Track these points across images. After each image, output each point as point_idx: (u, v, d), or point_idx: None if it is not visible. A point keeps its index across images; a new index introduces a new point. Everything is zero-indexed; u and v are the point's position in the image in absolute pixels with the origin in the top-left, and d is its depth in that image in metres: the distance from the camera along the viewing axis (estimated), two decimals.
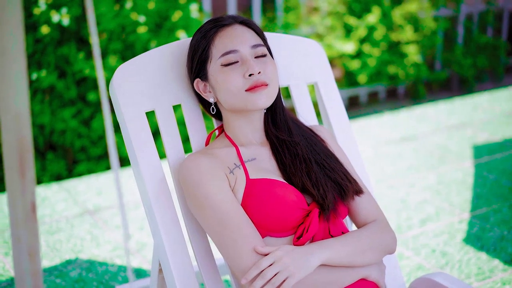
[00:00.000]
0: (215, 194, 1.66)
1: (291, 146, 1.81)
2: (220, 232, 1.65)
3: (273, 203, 1.67)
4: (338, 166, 1.82)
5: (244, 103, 1.73)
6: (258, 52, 1.76)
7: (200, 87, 1.82)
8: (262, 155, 1.81)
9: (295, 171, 1.76)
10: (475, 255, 3.01)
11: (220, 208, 1.65)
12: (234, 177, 1.72)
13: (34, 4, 4.20)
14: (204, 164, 1.70)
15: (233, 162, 1.75)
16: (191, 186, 1.69)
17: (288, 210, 1.68)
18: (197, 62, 1.79)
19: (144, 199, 1.82)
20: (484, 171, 3.95)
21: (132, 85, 1.85)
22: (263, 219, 1.67)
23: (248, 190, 1.69)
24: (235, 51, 1.74)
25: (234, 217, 1.64)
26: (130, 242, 3.13)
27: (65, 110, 4.32)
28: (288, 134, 1.83)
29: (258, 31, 1.82)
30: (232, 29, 1.77)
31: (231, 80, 1.72)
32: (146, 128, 1.84)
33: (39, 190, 3.71)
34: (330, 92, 2.14)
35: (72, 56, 4.27)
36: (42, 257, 3.00)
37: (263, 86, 1.72)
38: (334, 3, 6.25)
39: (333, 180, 1.77)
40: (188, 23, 4.52)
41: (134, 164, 1.82)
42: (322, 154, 1.83)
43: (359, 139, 4.61)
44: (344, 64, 6.33)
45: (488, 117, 5.04)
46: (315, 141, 1.86)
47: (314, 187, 1.73)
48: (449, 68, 7.14)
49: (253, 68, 1.71)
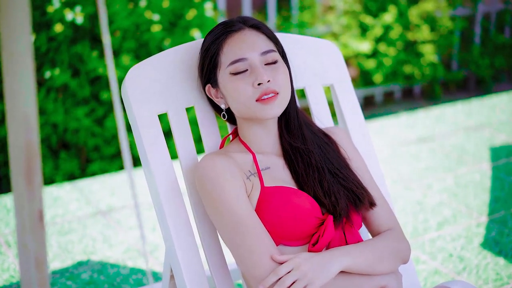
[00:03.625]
0: (232, 198, 1.62)
1: (304, 154, 1.76)
2: (235, 238, 1.61)
3: (288, 211, 1.64)
4: (352, 175, 1.78)
5: (254, 112, 1.69)
6: (268, 59, 1.71)
7: (212, 93, 1.79)
8: (276, 164, 1.76)
9: (308, 180, 1.72)
10: (493, 260, 2.95)
11: (237, 213, 1.61)
12: (251, 184, 1.68)
13: (48, 2, 4.18)
14: (221, 165, 1.66)
15: (248, 169, 1.71)
16: (208, 186, 1.66)
17: (303, 218, 1.64)
18: (206, 69, 1.75)
19: (156, 203, 1.78)
20: (502, 174, 3.89)
21: (144, 87, 1.82)
22: (278, 227, 1.63)
23: (263, 197, 1.66)
24: (243, 59, 1.69)
25: (250, 224, 1.60)
26: (141, 243, 3.10)
27: (79, 108, 4.29)
28: (302, 141, 1.79)
29: (270, 35, 1.77)
30: (242, 35, 1.72)
31: (240, 90, 1.68)
32: (159, 130, 1.80)
33: (52, 189, 3.69)
34: (346, 94, 2.10)
35: (86, 55, 4.24)
36: (54, 259, 2.97)
37: (273, 97, 1.67)
38: (350, 2, 6.19)
39: (347, 188, 1.73)
40: (202, 21, 4.48)
41: (146, 167, 1.78)
42: (336, 163, 1.78)
43: (376, 139, 4.56)
44: (360, 63, 6.27)
45: (506, 118, 4.97)
46: (329, 149, 1.81)
47: (326, 196, 1.69)
48: (466, 68, 7.06)
49: (262, 77, 1.66)
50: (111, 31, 4.25)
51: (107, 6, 4.22)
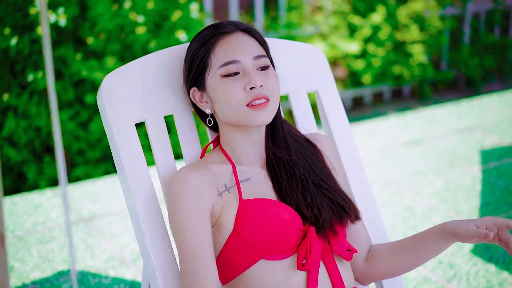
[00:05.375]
0: (188, 222, 1.58)
1: (288, 165, 1.70)
2: (183, 261, 1.58)
3: (268, 222, 1.57)
4: (337, 186, 1.72)
5: (243, 118, 1.62)
6: (260, 63, 1.65)
7: (196, 97, 1.71)
8: (257, 175, 1.69)
9: (290, 192, 1.66)
10: (484, 267, 2.89)
11: (189, 240, 1.57)
12: (223, 201, 1.61)
13: (31, 4, 4.10)
14: (190, 185, 1.60)
15: (225, 182, 1.64)
16: (170, 206, 1.62)
17: (284, 229, 1.58)
18: (195, 71, 1.68)
19: (133, 216, 1.71)
20: (492, 177, 3.83)
21: (121, 94, 1.74)
22: (259, 240, 1.56)
23: (241, 211, 1.59)
24: (236, 62, 1.62)
25: (199, 251, 1.57)
26: (125, 252, 3.02)
27: (62, 112, 4.21)
28: (287, 152, 1.72)
29: (261, 40, 1.71)
30: (234, 37, 1.66)
31: (231, 93, 1.61)
32: (136, 141, 1.72)
33: (33, 196, 3.60)
34: (332, 101, 2.02)
35: (69, 57, 4.17)
36: (34, 268, 2.89)
37: (264, 104, 1.61)
38: (338, 2, 6.13)
39: (331, 200, 1.67)
40: (188, 23, 4.41)
41: (123, 180, 1.71)
42: (320, 173, 1.72)
43: (366, 142, 4.49)
44: (348, 64, 6.21)
45: (497, 119, 4.91)
46: (314, 159, 1.75)
47: (308, 208, 1.63)
48: (456, 68, 7.01)
49: (255, 81, 1.60)
50: (95, 33, 4.17)
51: (90, 7, 4.14)
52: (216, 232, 1.62)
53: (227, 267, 1.62)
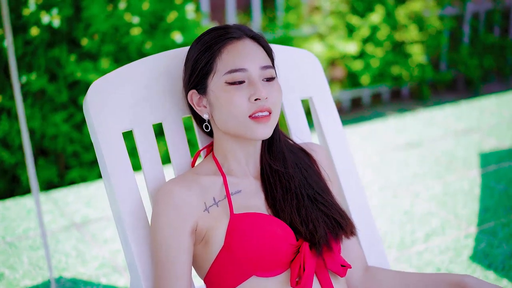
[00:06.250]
0: (165, 241, 1.54)
1: (284, 178, 1.64)
2: (156, 276, 1.56)
3: (260, 239, 1.52)
4: (333, 200, 1.67)
5: (243, 129, 1.57)
6: (266, 74, 1.59)
7: (194, 100, 1.64)
8: (249, 187, 1.64)
9: (285, 206, 1.60)
10: (483, 274, 2.84)
11: (161, 258, 1.55)
12: (210, 216, 1.56)
13: (24, 5, 4.04)
14: (174, 201, 1.55)
15: (214, 196, 1.59)
16: (152, 219, 1.58)
17: (277, 246, 1.52)
18: (197, 74, 1.61)
19: (120, 229, 1.65)
20: (491, 181, 3.77)
21: (108, 102, 1.68)
22: (251, 256, 1.51)
23: (233, 226, 1.53)
24: (243, 70, 1.56)
25: (172, 269, 1.53)
26: (118, 259, 2.97)
27: (57, 114, 4.16)
28: (283, 164, 1.66)
29: (268, 49, 1.65)
30: (243, 44, 1.59)
31: (235, 102, 1.55)
32: (123, 151, 1.67)
33: (25, 201, 3.55)
34: (326, 108, 1.97)
35: (63, 59, 4.11)
36: (24, 276, 2.84)
37: (267, 117, 1.56)
38: (336, 2, 6.07)
39: (326, 215, 1.61)
40: (184, 24, 4.35)
41: (110, 191, 1.65)
42: (316, 186, 1.67)
43: (364, 144, 4.44)
44: (347, 64, 6.15)
45: (496, 121, 4.86)
46: (310, 171, 1.69)
47: (303, 224, 1.57)
48: (455, 68, 6.95)
49: (260, 93, 1.54)
50: (89, 34, 4.11)
51: (85, 8, 4.09)
52: (204, 247, 1.57)
53: (218, 283, 1.57)
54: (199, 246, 1.58)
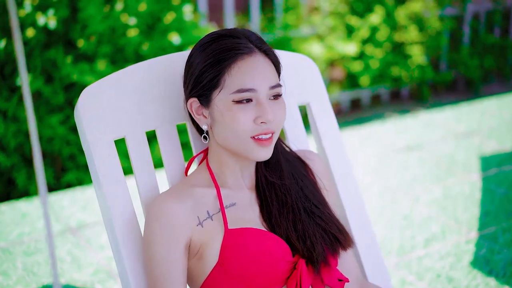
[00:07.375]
0: (158, 256, 1.51)
1: (280, 192, 1.59)
2: (149, 285, 1.53)
3: (256, 255, 1.47)
4: (330, 213, 1.62)
5: (244, 149, 1.52)
6: (274, 93, 1.53)
7: (193, 107, 1.58)
8: (244, 199, 1.59)
9: (281, 221, 1.55)
10: (483, 281, 2.80)
11: (154, 272, 1.51)
12: (204, 231, 1.51)
13: (19, 6, 4.00)
14: (166, 216, 1.50)
15: (208, 209, 1.54)
16: (145, 234, 1.54)
17: (273, 262, 1.48)
18: (203, 86, 1.54)
19: (112, 240, 1.61)
20: (492, 185, 3.73)
21: (100, 109, 1.64)
22: (245, 273, 1.47)
23: (227, 242, 1.48)
24: (252, 90, 1.50)
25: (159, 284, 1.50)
26: (113, 265, 2.92)
27: (53, 116, 4.12)
28: (279, 175, 1.61)
29: (276, 64, 1.58)
30: (254, 60, 1.52)
31: (240, 122, 1.49)
32: (115, 160, 1.62)
33: (20, 205, 3.50)
34: (324, 114, 1.93)
35: (60, 60, 4.07)
36: (17, 282, 2.79)
37: (269, 139, 1.52)
38: (336, 3, 6.02)
39: (324, 229, 1.56)
40: (181, 25, 4.31)
41: (101, 201, 1.61)
42: (313, 198, 1.62)
43: (363, 146, 4.40)
44: (346, 65, 6.11)
45: (497, 123, 4.81)
46: (306, 182, 1.65)
47: (300, 240, 1.52)
48: (455, 69, 6.91)
49: (267, 116, 1.49)
50: (86, 36, 4.07)
51: (81, 9, 4.04)
52: (198, 262, 1.52)
53: None
54: (193, 260, 1.53)
